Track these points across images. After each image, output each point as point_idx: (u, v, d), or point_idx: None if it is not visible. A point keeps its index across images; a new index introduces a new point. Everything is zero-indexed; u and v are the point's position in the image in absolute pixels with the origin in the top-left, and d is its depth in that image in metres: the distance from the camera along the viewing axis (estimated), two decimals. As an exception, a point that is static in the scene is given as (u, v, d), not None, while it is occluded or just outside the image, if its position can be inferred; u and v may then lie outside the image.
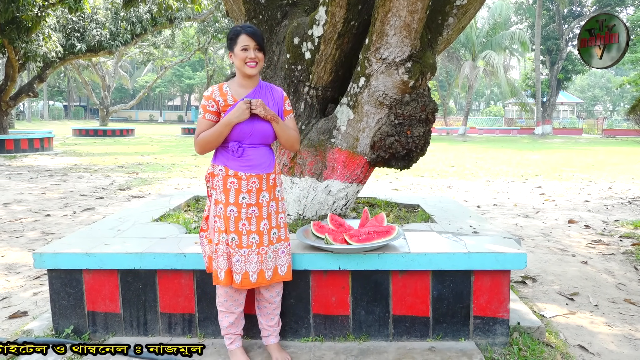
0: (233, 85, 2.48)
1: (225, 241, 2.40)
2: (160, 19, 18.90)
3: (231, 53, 2.44)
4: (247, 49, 2.36)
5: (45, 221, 6.17)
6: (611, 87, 60.82)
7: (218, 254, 2.40)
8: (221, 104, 2.42)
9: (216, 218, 2.41)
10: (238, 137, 2.42)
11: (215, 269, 2.42)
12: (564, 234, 5.70)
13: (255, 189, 2.44)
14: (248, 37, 2.37)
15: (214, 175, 2.47)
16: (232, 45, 2.40)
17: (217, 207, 2.42)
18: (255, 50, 2.38)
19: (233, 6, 3.87)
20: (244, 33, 2.37)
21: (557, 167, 13.32)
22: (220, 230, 2.39)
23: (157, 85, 55.74)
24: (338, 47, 3.49)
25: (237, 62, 2.40)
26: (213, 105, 2.41)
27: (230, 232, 2.40)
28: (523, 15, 40.70)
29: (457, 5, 3.48)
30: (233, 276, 2.41)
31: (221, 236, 2.39)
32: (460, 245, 2.84)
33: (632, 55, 26.09)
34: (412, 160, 3.59)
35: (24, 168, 12.36)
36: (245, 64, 2.38)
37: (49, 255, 2.81)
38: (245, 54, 2.36)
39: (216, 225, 2.40)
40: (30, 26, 13.88)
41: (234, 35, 2.39)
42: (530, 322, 3.00)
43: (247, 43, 2.36)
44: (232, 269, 2.41)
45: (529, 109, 35.77)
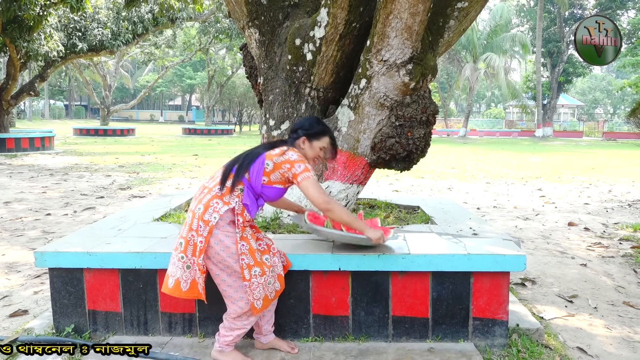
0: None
1: (261, 272, 2.43)
2: (161, 19, 18.92)
3: (307, 141, 2.59)
4: (324, 151, 2.64)
5: (46, 220, 6.18)
6: (612, 90, 60.84)
7: (252, 288, 2.40)
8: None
9: (242, 256, 2.40)
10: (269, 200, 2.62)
11: (253, 302, 2.42)
12: (563, 236, 5.70)
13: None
14: (330, 140, 2.64)
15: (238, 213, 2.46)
16: (314, 138, 2.59)
17: (240, 245, 2.41)
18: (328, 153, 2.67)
19: (235, 7, 3.88)
20: (329, 135, 2.64)
21: (557, 170, 13.33)
22: (249, 266, 2.40)
23: (158, 85, 55.80)
24: (339, 49, 3.50)
25: (310, 153, 2.60)
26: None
27: (259, 262, 2.45)
28: (524, 17, 40.75)
29: (458, 8, 3.49)
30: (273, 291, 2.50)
31: (253, 270, 2.41)
32: (460, 247, 2.84)
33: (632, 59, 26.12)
34: (412, 162, 3.60)
35: (24, 167, 12.37)
36: (314, 160, 2.63)
37: (50, 254, 2.82)
38: (320, 153, 2.63)
39: (244, 262, 2.40)
40: (32, 25, 13.91)
41: (321, 133, 2.61)
42: (530, 324, 3.01)
43: (327, 146, 2.63)
44: (270, 289, 2.49)
45: (529, 112, 35.82)
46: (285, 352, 2.67)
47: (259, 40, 3.88)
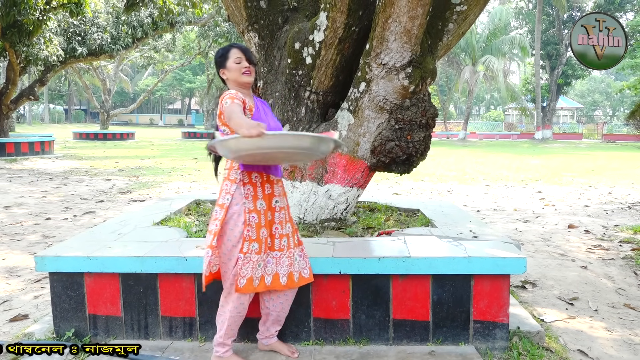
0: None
1: (258, 249, 2.39)
2: (161, 23, 18.95)
3: (224, 70, 2.50)
4: (240, 61, 2.47)
5: (46, 224, 6.18)
6: (611, 92, 60.95)
7: (243, 263, 2.36)
8: (247, 102, 2.43)
9: (248, 227, 2.37)
10: None
11: (236, 278, 2.38)
12: (563, 238, 5.70)
13: (282, 192, 2.58)
14: (238, 50, 2.49)
15: (246, 183, 2.43)
16: (224, 61, 2.48)
17: (249, 216, 2.38)
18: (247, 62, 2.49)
19: (234, 11, 3.90)
20: (234, 47, 2.50)
21: (557, 172, 13.34)
22: (251, 239, 2.37)
23: (158, 89, 55.82)
24: (339, 52, 3.51)
25: (233, 74, 2.47)
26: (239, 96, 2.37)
27: (263, 238, 2.41)
28: (523, 20, 40.86)
29: (457, 11, 3.50)
30: (260, 280, 2.43)
31: (252, 245, 2.37)
32: (460, 250, 2.85)
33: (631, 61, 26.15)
34: (412, 165, 3.60)
35: (24, 171, 12.37)
36: (242, 74, 2.47)
37: (51, 259, 2.82)
38: (240, 65, 2.46)
39: (248, 234, 2.36)
40: (31, 30, 13.94)
41: (223, 52, 2.50)
42: (530, 326, 3.01)
43: (239, 55, 2.47)
44: (264, 273, 2.44)
45: (528, 114, 35.86)
46: (286, 355, 2.67)
47: (258, 44, 3.89)
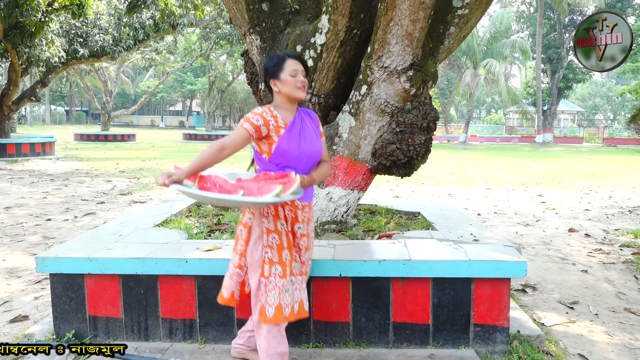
0: (278, 110, 2.32)
1: (282, 272, 2.20)
2: (162, 25, 18.98)
3: (275, 81, 2.29)
4: (295, 74, 2.27)
5: (47, 225, 6.18)
6: (612, 96, 60.92)
7: (268, 288, 2.18)
8: (272, 124, 2.24)
9: (267, 249, 2.21)
10: (296, 163, 2.29)
11: (264, 306, 2.19)
12: (564, 242, 5.70)
13: (307, 219, 2.37)
14: (295, 61, 2.29)
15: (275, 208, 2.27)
16: (277, 71, 2.27)
17: (269, 237, 2.23)
18: (303, 74, 2.30)
19: (236, 14, 3.91)
20: (290, 58, 2.28)
21: (557, 176, 13.33)
22: (272, 262, 2.20)
23: (159, 90, 55.89)
24: (340, 55, 3.52)
25: (286, 88, 2.26)
26: (259, 120, 2.22)
27: (287, 260, 2.24)
28: (524, 24, 40.88)
29: (458, 15, 3.51)
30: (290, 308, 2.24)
31: (274, 268, 2.20)
32: (461, 253, 2.85)
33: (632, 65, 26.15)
34: (413, 168, 3.61)
35: (25, 172, 12.38)
36: (298, 89, 2.27)
37: (51, 260, 2.82)
38: (296, 79, 2.26)
39: (267, 256, 2.20)
40: (33, 31, 13.97)
41: (279, 61, 2.28)
42: (530, 330, 3.01)
43: (296, 67, 2.27)
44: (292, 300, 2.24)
45: (529, 117, 35.84)
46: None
47: (260, 47, 3.90)
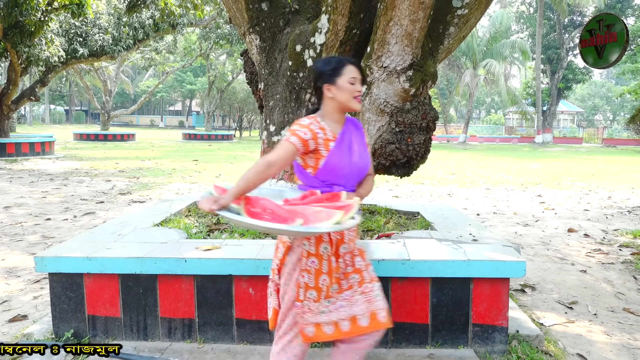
0: (326, 120, 2.11)
1: (316, 296, 2.03)
2: (162, 25, 18.98)
3: (330, 86, 2.06)
4: (354, 82, 2.06)
5: (46, 225, 6.18)
6: (611, 97, 61.01)
7: (303, 311, 2.02)
8: (320, 137, 2.04)
9: (304, 273, 2.03)
10: (345, 180, 2.10)
11: (301, 327, 2.04)
12: (563, 242, 5.70)
13: (353, 237, 2.15)
14: (356, 69, 2.07)
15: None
16: (335, 76, 2.05)
17: (307, 260, 2.03)
18: (360, 84, 2.10)
19: (236, 13, 3.91)
20: (350, 64, 2.07)
21: (557, 176, 13.34)
22: (308, 287, 2.02)
23: (159, 90, 55.88)
24: (340, 55, 3.52)
25: (343, 96, 2.05)
26: (307, 133, 2.01)
27: (323, 286, 2.05)
28: (524, 24, 40.93)
29: (458, 15, 3.51)
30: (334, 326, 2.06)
31: (308, 293, 2.02)
32: (460, 253, 2.85)
33: (632, 65, 26.19)
34: (412, 168, 3.61)
35: (24, 172, 12.38)
36: (354, 99, 2.06)
37: (51, 259, 2.82)
38: (354, 87, 2.05)
39: (304, 280, 2.03)
40: (33, 31, 13.97)
41: (337, 66, 2.06)
42: (529, 330, 3.01)
43: (355, 75, 2.06)
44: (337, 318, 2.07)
45: (529, 118, 35.87)
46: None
47: (259, 47, 3.90)
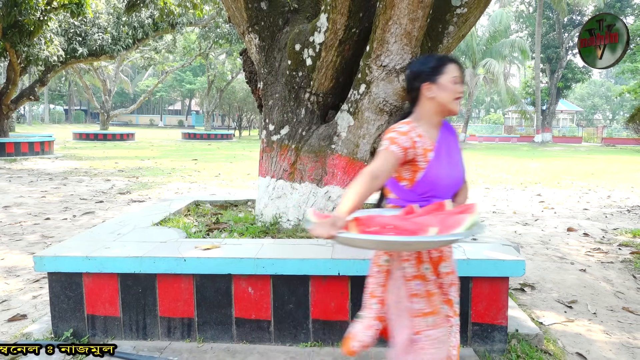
0: (422, 125, 1.96)
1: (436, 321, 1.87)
2: (162, 24, 18.98)
3: (431, 85, 1.92)
4: (456, 81, 1.91)
5: (45, 224, 6.18)
6: (611, 96, 61.04)
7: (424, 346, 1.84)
8: (419, 146, 1.88)
9: (414, 299, 1.86)
10: (444, 192, 1.94)
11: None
12: (562, 241, 5.70)
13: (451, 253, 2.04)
14: (458, 68, 1.93)
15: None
16: (436, 75, 1.91)
17: (412, 284, 1.87)
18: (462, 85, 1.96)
19: (235, 13, 3.90)
20: (453, 63, 1.93)
21: (556, 175, 13.34)
22: (424, 313, 1.85)
23: (158, 89, 55.86)
24: (339, 54, 3.52)
25: (445, 96, 1.91)
26: (406, 141, 1.86)
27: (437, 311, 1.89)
28: (523, 23, 40.92)
29: (457, 14, 3.51)
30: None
31: (426, 320, 1.85)
32: (459, 252, 2.84)
33: (631, 65, 26.19)
34: (411, 167, 3.60)
35: (24, 171, 12.37)
36: (455, 100, 1.92)
37: (50, 259, 2.82)
38: (457, 87, 1.91)
39: (416, 307, 1.85)
40: (32, 30, 13.96)
41: (439, 64, 1.93)
42: (529, 329, 3.01)
43: (457, 74, 1.92)
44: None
45: (528, 117, 35.88)
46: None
47: (258, 46, 3.89)
